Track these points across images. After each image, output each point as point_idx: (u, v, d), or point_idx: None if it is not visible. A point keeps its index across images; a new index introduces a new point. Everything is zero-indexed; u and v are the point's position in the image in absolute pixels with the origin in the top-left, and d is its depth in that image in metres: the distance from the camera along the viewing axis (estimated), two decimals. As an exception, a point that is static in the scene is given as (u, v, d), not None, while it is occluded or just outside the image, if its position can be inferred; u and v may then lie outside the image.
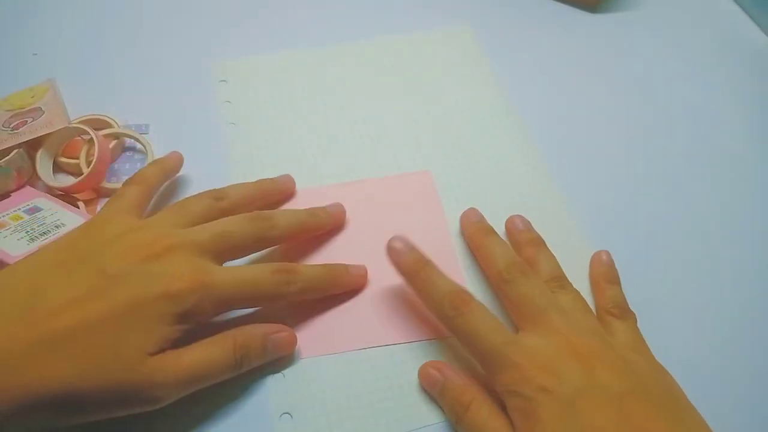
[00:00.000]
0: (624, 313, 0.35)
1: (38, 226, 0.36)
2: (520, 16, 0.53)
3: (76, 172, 0.40)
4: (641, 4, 0.54)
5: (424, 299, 0.33)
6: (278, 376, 0.33)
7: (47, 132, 0.39)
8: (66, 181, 0.40)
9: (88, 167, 0.39)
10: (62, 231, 0.35)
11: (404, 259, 0.33)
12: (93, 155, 0.39)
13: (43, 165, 0.39)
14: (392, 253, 0.34)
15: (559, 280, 0.35)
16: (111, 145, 0.41)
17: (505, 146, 0.44)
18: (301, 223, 0.36)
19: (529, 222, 0.39)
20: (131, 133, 0.42)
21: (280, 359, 0.33)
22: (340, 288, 0.36)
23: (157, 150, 0.42)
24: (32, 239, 0.35)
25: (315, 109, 0.45)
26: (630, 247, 0.39)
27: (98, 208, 0.39)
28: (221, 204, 0.35)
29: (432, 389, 0.32)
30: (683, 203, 0.42)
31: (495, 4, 0.53)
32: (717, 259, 0.39)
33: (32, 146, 0.40)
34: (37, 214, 0.36)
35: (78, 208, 0.38)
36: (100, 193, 0.40)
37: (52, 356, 0.27)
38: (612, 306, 0.35)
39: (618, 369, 0.29)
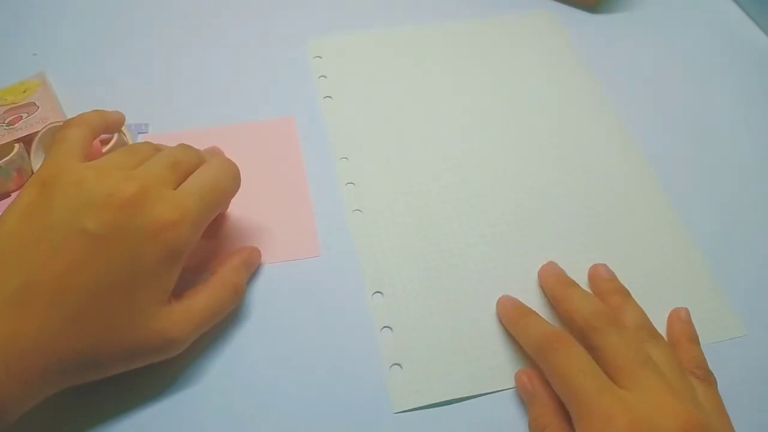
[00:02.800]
0: (707, 375, 0.33)
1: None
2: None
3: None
4: (641, 4, 0.54)
5: (523, 340, 0.34)
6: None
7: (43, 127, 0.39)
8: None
9: None
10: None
11: (506, 310, 0.35)
12: None
13: (38, 160, 0.39)
14: (499, 305, 0.36)
15: (649, 330, 0.33)
16: (110, 144, 0.40)
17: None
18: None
19: (613, 273, 0.37)
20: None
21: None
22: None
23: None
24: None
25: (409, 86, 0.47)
26: None
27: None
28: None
29: (522, 396, 0.33)
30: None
31: (495, 4, 0.53)
32: None
33: (27, 141, 0.39)
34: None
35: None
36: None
37: (65, 332, 0.27)
38: (695, 367, 0.33)
39: None
